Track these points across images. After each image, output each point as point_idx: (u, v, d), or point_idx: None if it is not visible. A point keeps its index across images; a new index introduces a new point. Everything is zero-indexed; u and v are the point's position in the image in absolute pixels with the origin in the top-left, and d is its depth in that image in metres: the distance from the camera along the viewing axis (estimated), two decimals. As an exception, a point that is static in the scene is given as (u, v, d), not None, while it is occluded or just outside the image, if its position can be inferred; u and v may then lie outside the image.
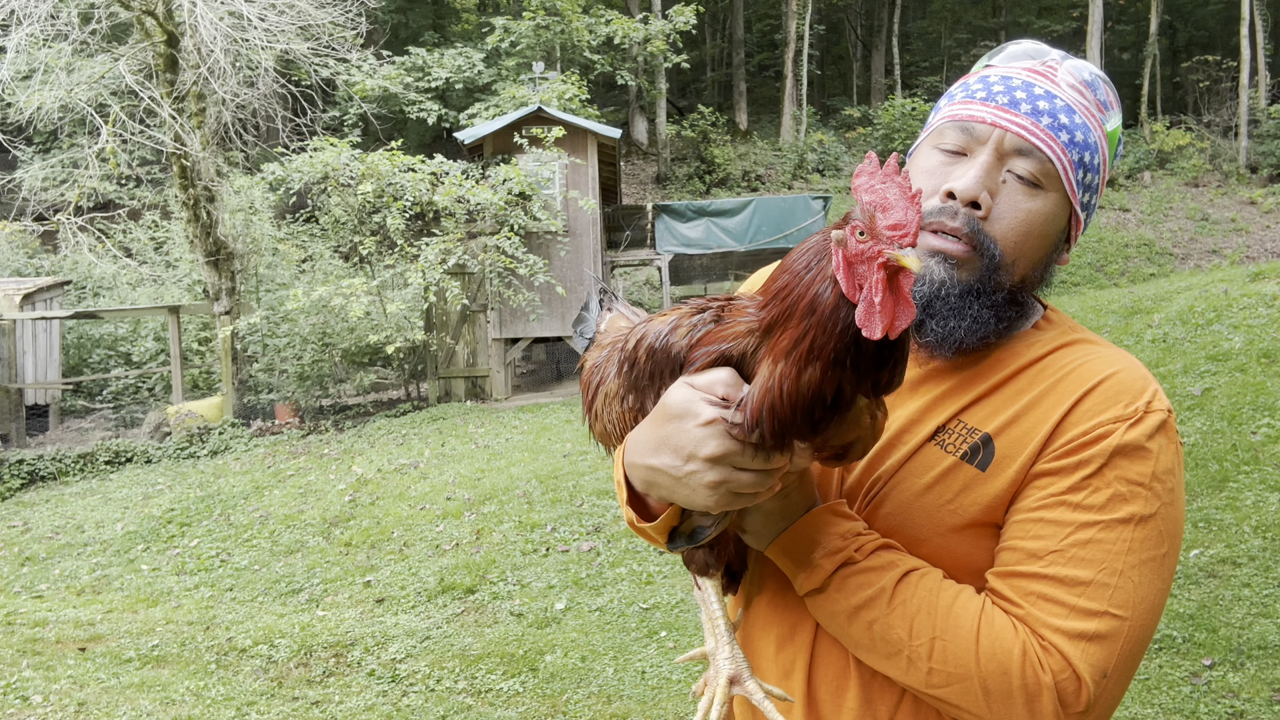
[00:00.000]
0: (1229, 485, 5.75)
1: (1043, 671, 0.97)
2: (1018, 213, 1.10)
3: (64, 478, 11.22)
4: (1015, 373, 1.12)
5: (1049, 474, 1.04)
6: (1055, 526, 1.02)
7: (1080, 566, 1.00)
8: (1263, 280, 9.88)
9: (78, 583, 7.42)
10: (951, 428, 1.11)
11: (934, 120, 1.21)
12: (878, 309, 0.88)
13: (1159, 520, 1.02)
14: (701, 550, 1.09)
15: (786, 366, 0.91)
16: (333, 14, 13.64)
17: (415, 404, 13.35)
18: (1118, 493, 1.01)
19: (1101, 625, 0.98)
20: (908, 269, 0.86)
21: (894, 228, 0.87)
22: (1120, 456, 1.02)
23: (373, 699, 4.65)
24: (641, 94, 26.08)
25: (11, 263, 17.23)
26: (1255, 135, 23.76)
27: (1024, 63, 1.16)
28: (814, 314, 0.91)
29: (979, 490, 1.07)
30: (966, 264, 1.10)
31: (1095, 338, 1.17)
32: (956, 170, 1.12)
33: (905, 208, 0.88)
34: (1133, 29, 30.00)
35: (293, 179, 12.64)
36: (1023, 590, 1.02)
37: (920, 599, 1.03)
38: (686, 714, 4.21)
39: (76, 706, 4.71)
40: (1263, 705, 3.73)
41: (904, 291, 0.89)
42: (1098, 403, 1.05)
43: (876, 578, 1.05)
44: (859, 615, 1.05)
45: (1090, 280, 19.17)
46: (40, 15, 12.03)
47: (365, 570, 6.85)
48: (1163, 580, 1.02)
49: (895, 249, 0.87)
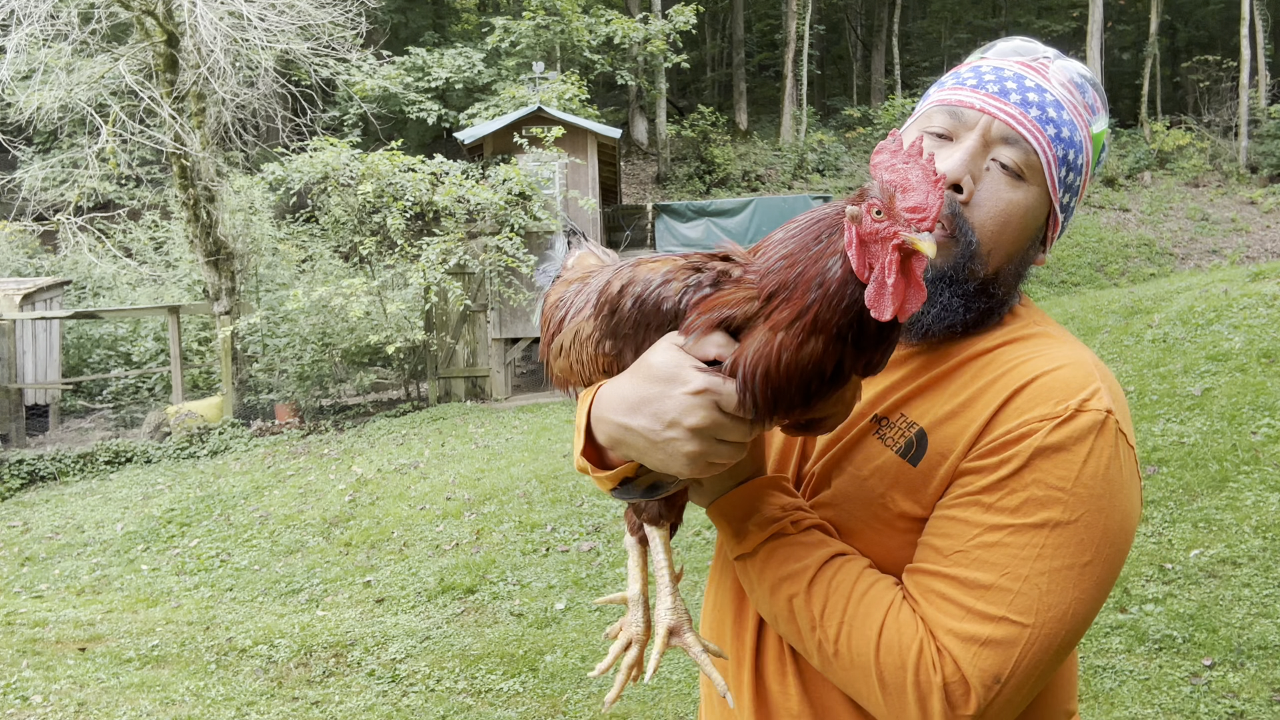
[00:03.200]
0: (1229, 485, 5.75)
1: (934, 672, 0.96)
2: (998, 201, 1.09)
3: (64, 478, 11.21)
4: (960, 365, 1.10)
5: (971, 472, 1.02)
6: (964, 526, 1.00)
7: (982, 569, 0.97)
8: (1263, 280, 9.88)
9: (78, 583, 7.42)
10: (894, 420, 1.11)
11: (922, 106, 1.21)
12: (889, 290, 0.87)
13: (1080, 528, 0.97)
14: (658, 502, 1.08)
15: (788, 337, 0.90)
16: (333, 14, 13.64)
17: (415, 404, 13.35)
18: (1033, 496, 0.98)
19: (997, 631, 0.95)
20: (922, 253, 0.85)
21: (914, 210, 0.86)
22: (1041, 458, 0.98)
23: (373, 699, 4.65)
24: (641, 94, 26.07)
25: (11, 263, 17.22)
26: (1255, 135, 23.75)
27: (1016, 57, 1.15)
28: (821, 288, 0.90)
29: (908, 485, 1.07)
30: (942, 249, 1.09)
31: (1056, 332, 1.14)
32: (942, 154, 1.11)
33: (928, 191, 0.86)
34: (1133, 29, 29.99)
35: (293, 179, 12.65)
36: (924, 587, 1.01)
37: (839, 583, 1.03)
38: (686, 714, 4.21)
39: (76, 706, 4.71)
40: (1263, 705, 3.73)
41: (915, 275, 0.88)
42: (1028, 400, 1.02)
43: (804, 553, 1.05)
44: (781, 588, 1.05)
45: (1090, 280, 19.17)
46: (40, 15, 12.03)
47: (365, 570, 6.84)
48: (1082, 590, 0.97)
49: (912, 232, 0.86)
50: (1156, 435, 6.65)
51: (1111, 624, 4.50)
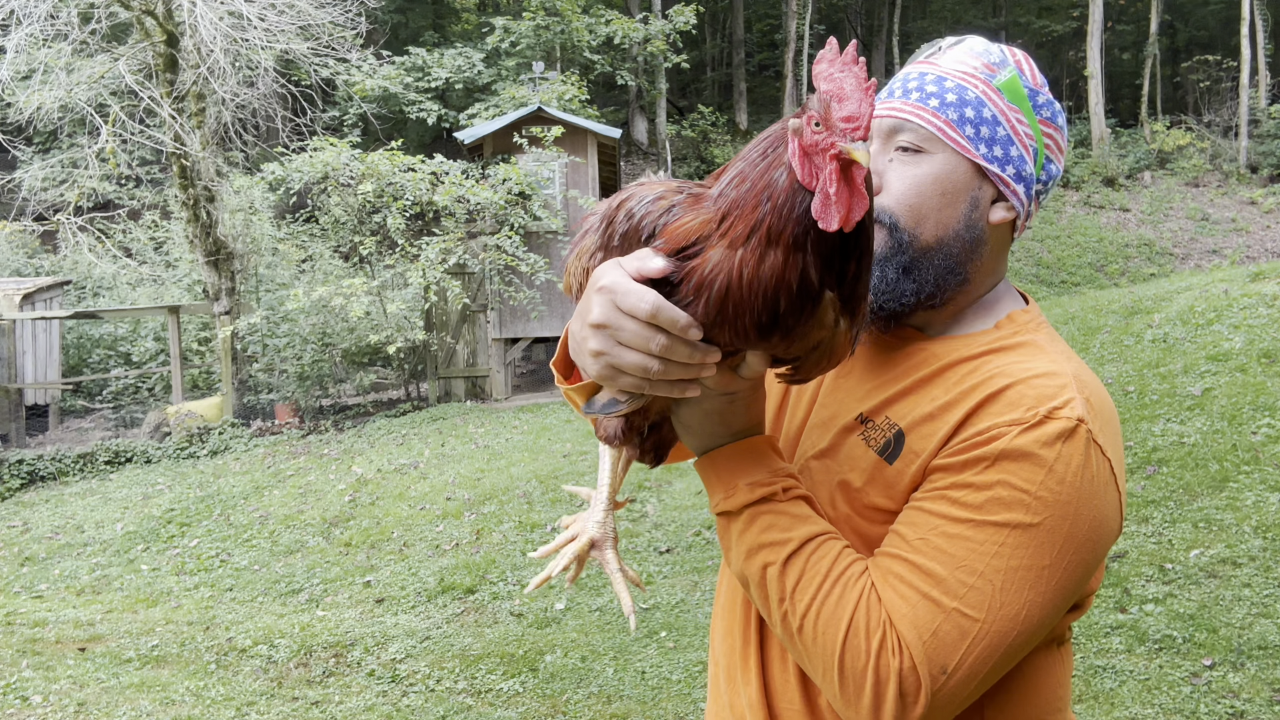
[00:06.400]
0: (1229, 485, 5.75)
1: (893, 657, 0.97)
2: (904, 180, 1.14)
3: (64, 478, 11.21)
4: (944, 369, 1.13)
5: (940, 469, 1.05)
6: (929, 516, 1.03)
7: (939, 559, 0.99)
8: (1263, 280, 9.87)
9: (77, 583, 7.42)
10: (877, 422, 1.14)
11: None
12: (833, 201, 0.87)
13: (1042, 531, 0.98)
14: (612, 421, 1.10)
15: (746, 253, 0.90)
16: (333, 14, 13.64)
17: (415, 404, 13.35)
18: (998, 497, 0.99)
19: (948, 622, 0.97)
20: (859, 162, 0.86)
21: (847, 120, 0.86)
22: (1007, 460, 1.00)
23: (373, 699, 4.65)
24: (641, 94, 26.07)
25: (11, 263, 17.22)
26: (1255, 135, 23.75)
27: (917, 58, 1.23)
28: (770, 200, 0.90)
29: (884, 482, 1.10)
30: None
31: (1046, 343, 1.15)
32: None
33: (860, 99, 0.87)
34: (1133, 29, 29.98)
35: (293, 179, 12.65)
36: (885, 569, 1.03)
37: (816, 561, 1.03)
38: (686, 714, 4.21)
39: (76, 706, 4.71)
40: (1263, 705, 3.73)
41: (857, 183, 0.88)
42: (1001, 406, 1.04)
43: (789, 524, 1.06)
44: (758, 554, 1.06)
45: (1090, 280, 19.17)
46: (40, 15, 12.03)
47: (365, 570, 6.84)
48: (1038, 593, 0.98)
49: (847, 142, 0.86)
50: (1156, 435, 6.65)
51: (1111, 624, 4.50)
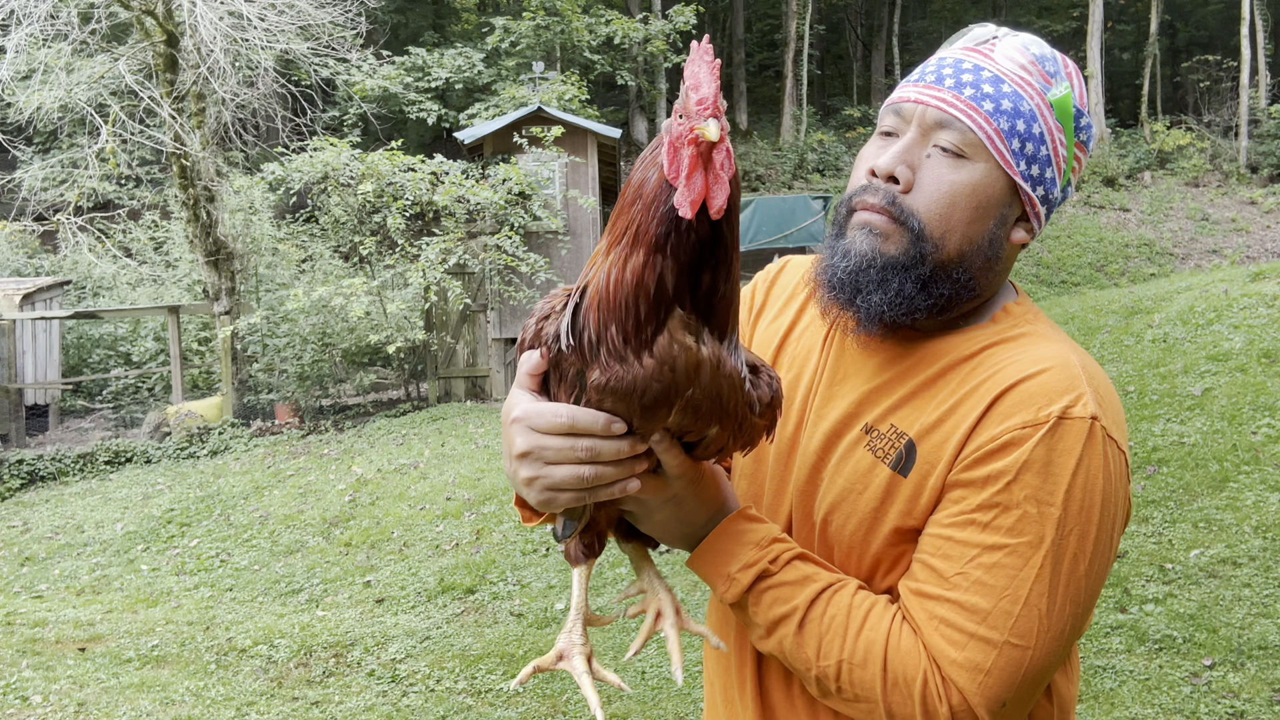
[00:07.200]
0: (1229, 485, 5.75)
1: (940, 703, 0.97)
2: (940, 184, 1.08)
3: (64, 478, 11.21)
4: (946, 370, 1.10)
5: (961, 485, 1.03)
6: (963, 547, 1.01)
7: (982, 593, 0.98)
8: (1263, 280, 9.87)
9: (77, 583, 7.42)
10: (883, 430, 1.10)
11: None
12: (685, 185, 0.87)
13: (1075, 539, 0.98)
14: (570, 543, 1.11)
15: (616, 255, 0.90)
16: (333, 14, 13.63)
17: (415, 404, 13.34)
18: (1027, 513, 0.98)
19: (1000, 657, 0.97)
20: (713, 141, 0.85)
21: (700, 103, 0.87)
22: (1029, 473, 0.98)
23: (373, 699, 4.65)
24: (641, 94, 26.06)
25: (11, 263, 17.21)
26: (1255, 135, 23.74)
27: (968, 44, 1.15)
28: (641, 199, 0.90)
29: (901, 496, 1.07)
30: (890, 237, 1.09)
31: (1046, 331, 1.13)
32: (886, 150, 1.13)
33: (708, 81, 0.87)
34: (1133, 29, 29.98)
35: (293, 179, 12.64)
36: (927, 612, 1.01)
37: (829, 618, 1.02)
38: (687, 715, 4.21)
39: (76, 706, 4.70)
40: (1263, 705, 3.73)
41: (715, 168, 0.88)
42: (1011, 406, 1.02)
43: (791, 594, 1.04)
44: (774, 631, 1.05)
45: (1090, 280, 19.16)
46: (40, 15, 12.02)
47: (365, 570, 6.84)
48: (1078, 604, 0.99)
49: (700, 123, 0.86)
50: (1156, 435, 6.65)
51: (1111, 624, 4.50)
